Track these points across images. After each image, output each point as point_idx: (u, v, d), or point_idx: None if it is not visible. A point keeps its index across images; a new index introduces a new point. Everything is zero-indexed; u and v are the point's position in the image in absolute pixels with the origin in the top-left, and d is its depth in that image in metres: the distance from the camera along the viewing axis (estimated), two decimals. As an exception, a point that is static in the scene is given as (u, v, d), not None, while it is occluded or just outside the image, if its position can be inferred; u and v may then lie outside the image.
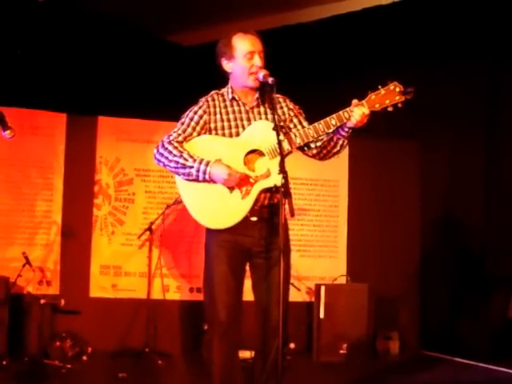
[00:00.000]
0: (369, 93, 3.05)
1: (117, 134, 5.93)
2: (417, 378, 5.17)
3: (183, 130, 3.26)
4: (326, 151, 3.28)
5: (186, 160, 3.16)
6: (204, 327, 5.15)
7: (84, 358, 5.34)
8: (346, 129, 3.11)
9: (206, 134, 3.27)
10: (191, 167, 3.14)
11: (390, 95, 3.03)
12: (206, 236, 3.31)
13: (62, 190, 5.76)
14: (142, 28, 6.92)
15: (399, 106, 3.03)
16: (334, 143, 3.22)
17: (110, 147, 5.91)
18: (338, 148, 3.25)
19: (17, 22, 5.99)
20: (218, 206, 3.20)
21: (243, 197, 3.16)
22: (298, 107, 3.39)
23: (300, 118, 3.35)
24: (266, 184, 3.13)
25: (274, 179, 3.07)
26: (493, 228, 6.01)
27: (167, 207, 5.50)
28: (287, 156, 3.05)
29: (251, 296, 3.31)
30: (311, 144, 3.27)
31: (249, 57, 3.21)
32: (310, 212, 6.14)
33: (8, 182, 5.65)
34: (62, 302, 5.42)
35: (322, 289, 5.67)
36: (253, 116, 3.28)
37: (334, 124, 3.08)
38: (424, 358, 5.91)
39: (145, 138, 5.86)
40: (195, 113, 3.28)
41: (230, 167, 3.12)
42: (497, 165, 6.00)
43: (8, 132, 3.47)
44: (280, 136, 3.01)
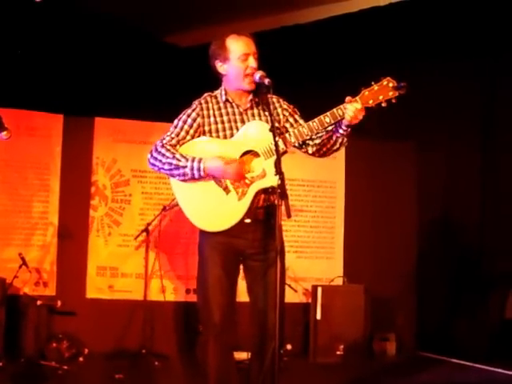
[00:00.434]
0: (362, 89, 3.05)
1: (114, 135, 5.92)
2: (414, 379, 5.16)
3: (176, 134, 3.25)
4: (325, 149, 3.28)
5: (178, 160, 3.15)
6: (200, 328, 5.14)
7: (80, 359, 5.34)
8: (344, 127, 3.11)
9: (199, 136, 3.26)
10: (185, 167, 3.13)
11: (384, 91, 3.02)
12: (200, 238, 3.30)
13: (59, 191, 5.75)
14: (140, 29, 6.92)
15: (393, 101, 3.02)
16: (333, 141, 3.22)
17: (107, 148, 5.90)
18: (337, 146, 3.25)
19: (13, 22, 5.99)
20: (214, 208, 3.19)
21: (239, 198, 3.15)
22: (293, 106, 3.38)
23: (295, 116, 3.34)
24: (263, 185, 3.12)
25: (271, 180, 3.06)
26: (489, 228, 6.02)
27: (164, 208, 5.49)
28: (282, 156, 3.03)
29: (246, 297, 3.30)
30: (309, 142, 3.28)
31: (243, 58, 3.20)
32: (306, 213, 6.15)
33: (4, 183, 5.64)
34: (59, 303, 5.41)
35: (319, 290, 5.67)
36: (247, 118, 3.27)
37: (328, 122, 3.08)
38: (421, 359, 5.91)
39: (142, 139, 5.84)
40: (189, 116, 3.27)
41: (224, 158, 3.11)
42: (493, 165, 6.02)
43: (4, 133, 3.47)
44: (275, 137, 2.99)
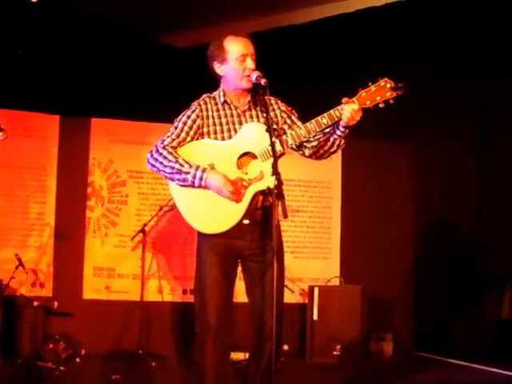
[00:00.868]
0: (359, 90, 3.04)
1: (110, 136, 5.92)
2: (410, 380, 5.16)
3: (177, 135, 3.23)
4: (323, 151, 3.28)
5: (181, 166, 3.14)
6: (196, 329, 5.14)
7: (77, 360, 5.33)
8: (342, 128, 3.11)
9: (198, 138, 3.26)
10: (187, 173, 3.12)
11: (381, 91, 3.02)
12: (198, 239, 3.30)
13: (55, 191, 5.75)
14: (136, 30, 6.91)
15: (390, 102, 3.02)
16: (331, 143, 3.22)
17: (103, 149, 5.90)
18: (334, 148, 3.25)
19: (9, 23, 5.97)
20: (212, 210, 3.18)
21: (237, 200, 3.15)
22: (291, 108, 3.38)
23: (293, 117, 3.34)
24: (260, 186, 3.12)
25: (268, 181, 3.06)
26: (485, 228, 6.02)
27: (160, 209, 5.49)
28: (280, 157, 3.03)
29: (244, 298, 3.30)
30: (306, 144, 3.27)
31: (241, 59, 3.19)
32: (303, 213, 6.15)
33: (1, 184, 5.64)
34: (55, 304, 5.40)
35: (316, 290, 5.67)
36: (245, 119, 3.27)
37: (325, 123, 3.08)
38: (417, 360, 5.91)
39: (138, 139, 5.85)
40: (188, 117, 3.26)
41: (225, 177, 3.11)
42: (489, 165, 6.02)
43: (1, 134, 3.47)
44: (272, 138, 3.00)
